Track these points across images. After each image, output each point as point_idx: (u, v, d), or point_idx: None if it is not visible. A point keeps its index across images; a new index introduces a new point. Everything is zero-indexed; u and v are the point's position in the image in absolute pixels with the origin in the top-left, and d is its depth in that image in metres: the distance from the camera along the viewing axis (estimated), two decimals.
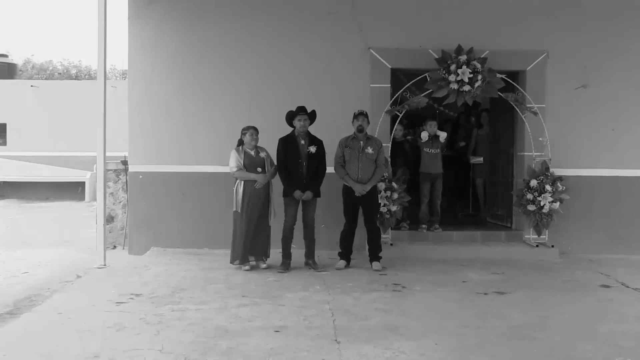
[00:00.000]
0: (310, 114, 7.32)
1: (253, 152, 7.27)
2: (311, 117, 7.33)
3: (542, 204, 8.06)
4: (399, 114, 8.40)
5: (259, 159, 7.27)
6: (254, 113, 8.15)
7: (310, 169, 7.26)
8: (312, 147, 7.27)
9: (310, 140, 7.33)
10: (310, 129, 7.36)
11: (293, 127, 7.32)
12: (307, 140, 7.31)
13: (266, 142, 7.39)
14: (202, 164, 8.41)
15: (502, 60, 8.32)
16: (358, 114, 7.40)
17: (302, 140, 7.29)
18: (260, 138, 7.33)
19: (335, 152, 7.40)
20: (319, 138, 7.38)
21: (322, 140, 7.39)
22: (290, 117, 7.31)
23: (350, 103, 7.99)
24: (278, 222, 7.33)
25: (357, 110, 7.45)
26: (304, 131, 7.29)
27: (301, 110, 7.28)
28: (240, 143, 7.32)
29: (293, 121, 7.29)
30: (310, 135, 7.36)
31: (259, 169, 7.22)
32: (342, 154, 7.37)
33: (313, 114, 7.35)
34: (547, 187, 8.06)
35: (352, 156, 7.34)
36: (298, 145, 7.27)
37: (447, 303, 5.97)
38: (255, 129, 7.29)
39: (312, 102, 7.49)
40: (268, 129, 7.50)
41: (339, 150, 7.40)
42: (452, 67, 7.98)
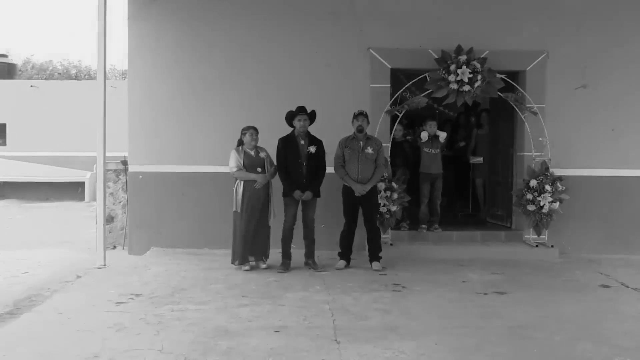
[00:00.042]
0: (310, 114, 7.32)
1: (253, 152, 7.27)
2: (311, 117, 7.33)
3: (541, 204, 8.06)
4: (399, 114, 8.40)
5: (259, 159, 7.27)
6: (254, 113, 8.15)
7: (310, 169, 7.26)
8: (312, 147, 7.27)
9: (310, 140, 7.33)
10: (310, 129, 7.36)
11: (293, 127, 7.32)
12: (307, 141, 7.31)
13: (266, 142, 7.39)
14: (202, 164, 8.41)
15: (502, 60, 8.31)
16: (358, 114, 7.40)
17: (302, 141, 7.29)
18: (260, 138, 7.33)
19: (335, 152, 7.40)
20: (318, 138, 7.38)
21: (322, 141, 7.39)
22: (290, 117, 7.31)
23: (350, 103, 8.00)
24: (278, 222, 7.33)
25: (357, 111, 7.46)
26: (303, 131, 7.29)
27: (301, 110, 7.28)
28: (240, 143, 7.32)
29: (293, 121, 7.29)
30: (310, 136, 7.36)
31: (259, 169, 7.22)
32: (342, 154, 7.37)
33: (313, 114, 7.35)
34: (547, 187, 8.06)
35: (352, 156, 7.34)
36: (298, 146, 7.27)
37: (447, 303, 5.97)
38: (255, 129, 7.29)
39: (312, 102, 7.49)
40: (268, 129, 7.50)
41: (338, 151, 7.40)
42: (452, 67, 7.98)
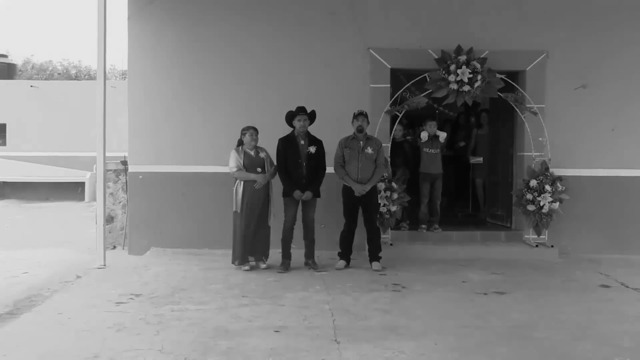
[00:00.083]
0: (309, 114, 7.32)
1: (253, 153, 7.27)
2: (311, 117, 7.33)
3: (541, 204, 8.06)
4: (399, 114, 8.40)
5: (259, 159, 7.27)
6: (254, 113, 8.15)
7: (310, 169, 7.26)
8: (311, 147, 7.27)
9: (310, 140, 7.33)
10: (310, 129, 7.36)
11: (293, 128, 7.32)
12: (306, 141, 7.31)
13: (266, 143, 7.39)
14: (201, 164, 8.41)
15: (501, 60, 8.31)
16: (358, 114, 7.40)
17: (302, 141, 7.29)
18: (260, 138, 7.33)
19: (335, 152, 7.40)
20: (318, 138, 7.38)
21: (321, 141, 7.39)
22: (289, 118, 7.32)
23: (350, 103, 7.99)
24: (278, 222, 7.32)
25: (357, 111, 7.46)
26: (303, 131, 7.29)
27: (301, 110, 7.28)
28: (240, 143, 7.32)
29: (293, 121, 7.29)
30: (310, 136, 7.36)
31: (259, 169, 7.22)
32: (341, 154, 7.37)
33: (313, 114, 7.36)
34: (547, 187, 8.06)
35: (351, 156, 7.34)
36: (298, 146, 7.27)
37: (447, 303, 5.97)
38: (255, 129, 7.29)
39: (311, 102, 7.49)
40: (268, 129, 7.50)
41: (338, 151, 7.40)
42: (452, 67, 7.98)
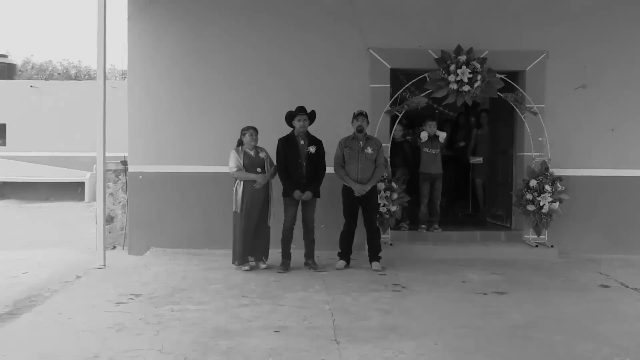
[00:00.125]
0: (309, 114, 7.32)
1: (252, 153, 7.27)
2: (311, 117, 7.33)
3: (541, 204, 8.06)
4: (399, 114, 8.40)
5: (259, 159, 7.27)
6: (254, 113, 8.15)
7: (309, 169, 7.26)
8: (311, 147, 7.27)
9: (310, 140, 7.33)
10: (309, 129, 7.36)
11: (293, 128, 7.32)
12: (306, 141, 7.31)
13: (266, 143, 7.39)
14: (201, 164, 8.40)
15: (501, 60, 8.31)
16: (357, 114, 7.40)
17: (302, 141, 7.29)
18: (260, 138, 7.33)
19: (335, 152, 7.40)
20: (318, 138, 7.38)
21: (321, 141, 7.39)
22: (289, 118, 7.32)
23: (350, 103, 8.00)
24: (277, 222, 7.32)
25: (357, 111, 7.46)
26: (303, 131, 7.29)
27: (301, 110, 7.28)
28: (239, 143, 7.32)
29: (292, 121, 7.29)
30: (309, 136, 7.36)
31: (259, 169, 7.22)
32: (341, 154, 7.37)
33: (312, 114, 7.35)
34: (547, 187, 8.06)
35: (351, 156, 7.34)
36: (298, 146, 7.27)
37: (446, 303, 5.97)
38: (255, 129, 7.28)
39: (311, 103, 7.49)
40: (268, 129, 7.50)
41: (338, 151, 7.40)
42: (452, 67, 7.98)
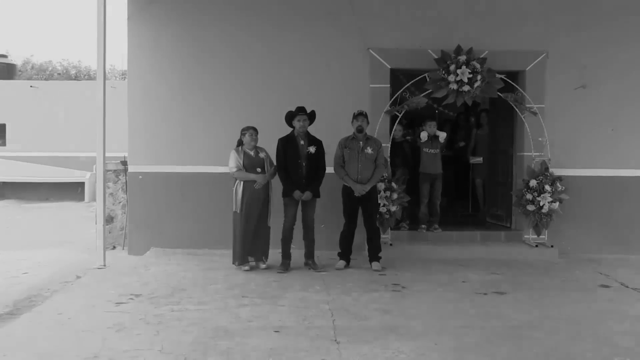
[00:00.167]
0: (309, 114, 7.32)
1: (252, 153, 7.27)
2: (310, 117, 7.33)
3: (541, 204, 8.06)
4: (399, 114, 8.40)
5: (259, 159, 7.27)
6: (254, 113, 8.15)
7: (309, 169, 7.26)
8: (311, 147, 7.27)
9: (310, 140, 7.33)
10: (309, 129, 7.36)
11: (292, 128, 7.32)
12: (306, 141, 7.31)
13: (266, 143, 7.39)
14: (201, 164, 8.41)
15: (501, 60, 8.31)
16: (357, 114, 7.40)
17: (302, 141, 7.29)
18: (260, 138, 7.33)
19: (335, 152, 7.40)
20: (318, 138, 7.38)
21: (321, 141, 7.39)
22: (289, 118, 7.32)
23: (350, 103, 8.00)
24: (277, 222, 7.32)
25: (357, 111, 7.46)
26: (303, 131, 7.29)
27: (300, 110, 7.28)
28: (239, 143, 7.32)
29: (292, 121, 7.29)
30: (309, 136, 7.36)
31: (259, 170, 7.22)
32: (341, 154, 7.37)
33: (312, 114, 7.36)
34: (547, 187, 8.07)
35: (351, 156, 7.34)
36: (297, 146, 7.27)
37: (446, 303, 5.97)
38: (255, 130, 7.28)
39: (311, 103, 7.49)
40: (267, 130, 7.50)
41: (338, 151, 7.40)
42: (452, 68, 7.98)
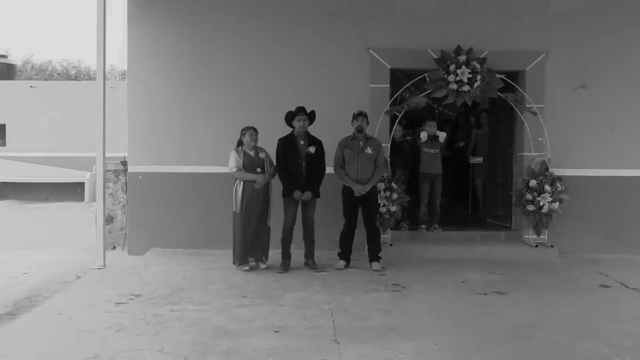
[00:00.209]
0: (309, 114, 7.32)
1: (252, 153, 7.27)
2: (310, 117, 7.33)
3: (541, 204, 8.06)
4: (398, 114, 8.40)
5: (259, 160, 7.27)
6: (254, 113, 8.15)
7: (309, 169, 7.26)
8: (311, 147, 7.27)
9: (310, 140, 7.33)
10: (309, 129, 7.36)
11: (292, 128, 7.32)
12: (306, 141, 7.31)
13: (266, 143, 7.39)
14: (201, 165, 8.41)
15: (501, 60, 8.31)
16: (357, 114, 7.40)
17: (302, 141, 7.29)
18: (260, 138, 7.33)
19: (335, 152, 7.40)
20: (318, 138, 7.38)
21: (321, 141, 7.39)
22: (289, 118, 7.31)
23: (350, 103, 8.00)
24: (277, 222, 7.32)
25: (357, 111, 7.46)
26: (303, 131, 7.29)
27: (300, 110, 7.28)
28: (239, 143, 7.32)
29: (292, 122, 7.29)
30: (309, 136, 7.36)
31: (259, 170, 7.22)
32: (341, 154, 7.37)
33: (312, 114, 7.36)
34: (547, 187, 8.07)
35: (351, 156, 7.34)
36: (297, 146, 7.27)
37: (446, 303, 5.97)
38: (255, 130, 7.28)
39: (311, 103, 7.49)
40: (267, 130, 7.50)
41: (338, 151, 7.40)
42: (452, 68, 7.98)
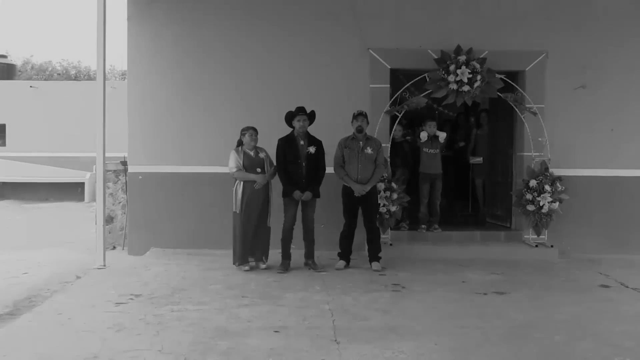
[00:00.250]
0: (309, 114, 7.32)
1: (252, 153, 7.27)
2: (310, 117, 7.33)
3: (541, 204, 8.06)
4: (398, 114, 8.40)
5: (259, 160, 7.27)
6: (254, 113, 8.15)
7: (309, 169, 7.26)
8: (311, 147, 7.27)
9: (310, 140, 7.33)
10: (309, 129, 7.36)
11: (292, 128, 7.32)
12: (306, 141, 7.31)
13: (266, 143, 7.39)
14: (201, 165, 8.41)
15: (501, 60, 8.31)
16: (357, 114, 7.41)
17: (302, 141, 7.29)
18: (260, 138, 7.33)
19: (335, 152, 7.41)
20: (318, 138, 7.38)
21: (321, 141, 7.39)
22: (289, 118, 7.32)
23: (350, 103, 8.00)
24: (278, 222, 7.32)
25: (357, 111, 7.46)
26: (303, 131, 7.29)
27: (300, 110, 7.28)
28: (239, 144, 7.32)
29: (292, 122, 7.29)
30: (309, 136, 7.36)
31: (259, 170, 7.22)
32: (341, 154, 7.38)
33: (312, 114, 7.36)
34: (547, 187, 8.07)
35: (351, 156, 7.34)
36: (297, 146, 7.27)
37: (446, 303, 5.97)
38: (255, 130, 7.28)
39: (311, 103, 7.49)
40: (267, 130, 7.50)
41: (338, 151, 7.40)
42: (452, 68, 7.98)
